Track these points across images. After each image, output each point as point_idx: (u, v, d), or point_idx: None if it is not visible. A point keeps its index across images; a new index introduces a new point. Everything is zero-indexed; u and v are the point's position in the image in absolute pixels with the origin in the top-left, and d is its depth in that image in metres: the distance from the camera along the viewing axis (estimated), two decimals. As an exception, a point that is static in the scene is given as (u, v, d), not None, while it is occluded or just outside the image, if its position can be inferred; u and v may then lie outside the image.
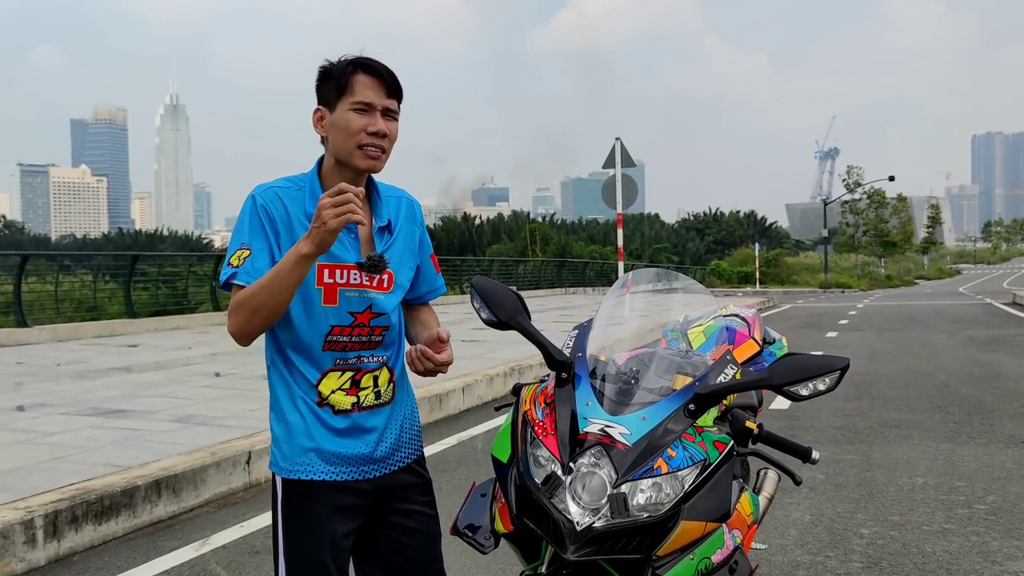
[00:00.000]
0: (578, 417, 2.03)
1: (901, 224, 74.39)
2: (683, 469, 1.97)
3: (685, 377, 2.22)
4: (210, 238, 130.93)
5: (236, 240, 2.11)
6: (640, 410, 2.05)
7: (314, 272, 2.10)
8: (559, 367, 2.16)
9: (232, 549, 4.55)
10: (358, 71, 2.12)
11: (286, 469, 2.15)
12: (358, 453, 2.17)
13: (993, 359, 12.19)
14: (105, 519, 4.70)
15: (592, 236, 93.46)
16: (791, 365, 2.02)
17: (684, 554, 1.98)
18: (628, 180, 18.45)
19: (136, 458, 5.50)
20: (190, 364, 10.69)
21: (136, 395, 8.15)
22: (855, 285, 56.52)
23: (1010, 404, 8.44)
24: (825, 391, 2.00)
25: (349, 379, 2.17)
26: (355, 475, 2.17)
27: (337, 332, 2.14)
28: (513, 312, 2.26)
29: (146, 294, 19.49)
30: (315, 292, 2.12)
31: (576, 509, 1.93)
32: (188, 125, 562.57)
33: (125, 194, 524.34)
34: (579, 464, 1.96)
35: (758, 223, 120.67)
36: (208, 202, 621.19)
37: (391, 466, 2.22)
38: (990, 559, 4.18)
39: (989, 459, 6.19)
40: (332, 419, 2.15)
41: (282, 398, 2.17)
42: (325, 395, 2.15)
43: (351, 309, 2.15)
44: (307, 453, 2.13)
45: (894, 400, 8.72)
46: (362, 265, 2.13)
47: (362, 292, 2.15)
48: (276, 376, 2.19)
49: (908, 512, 4.94)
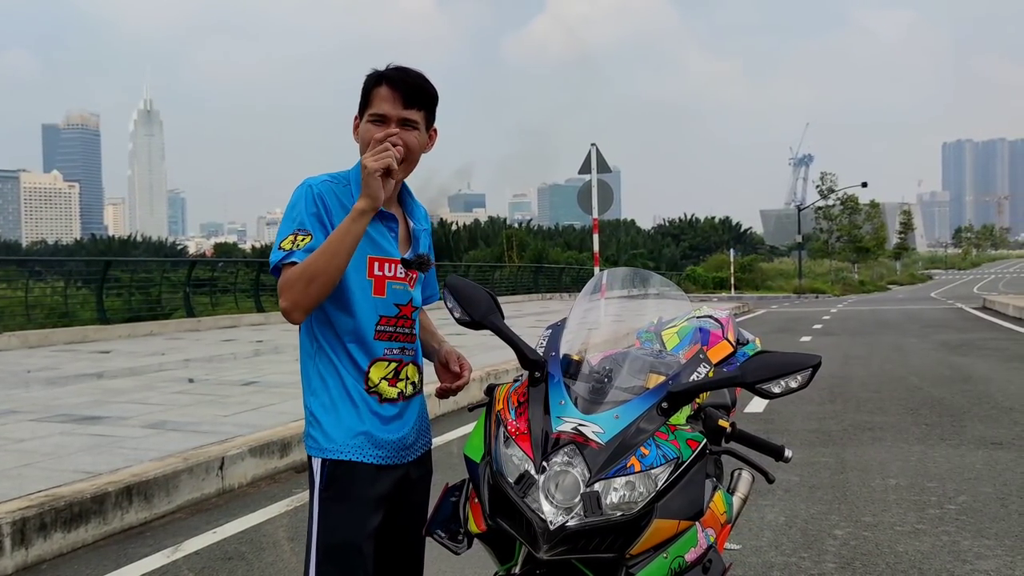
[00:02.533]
0: (551, 416, 2.03)
1: (874, 230, 75.12)
2: (656, 467, 1.96)
3: (658, 376, 2.22)
4: (184, 244, 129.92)
5: (290, 224, 2.17)
6: (613, 408, 2.05)
7: (365, 264, 2.22)
8: (532, 366, 2.15)
9: (204, 555, 4.50)
10: (381, 83, 2.22)
11: (332, 450, 2.21)
12: (400, 439, 2.29)
13: (963, 362, 12.32)
14: (74, 526, 4.64)
15: (569, 242, 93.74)
16: (763, 363, 2.03)
17: (657, 553, 1.97)
18: (604, 186, 18.49)
19: (107, 464, 5.43)
20: (163, 370, 10.58)
21: (108, 401, 8.06)
22: (829, 290, 56.97)
23: (980, 406, 8.54)
24: (797, 388, 2.01)
25: (393, 370, 2.29)
26: (396, 459, 2.28)
27: (384, 322, 2.26)
28: (486, 311, 2.26)
29: (119, 300, 19.32)
30: (367, 283, 2.23)
31: (549, 508, 1.92)
32: (162, 131, 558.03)
33: (98, 200, 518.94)
34: (552, 463, 1.95)
35: (733, 229, 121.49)
36: (183, 208, 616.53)
37: (417, 452, 2.37)
38: (961, 558, 4.22)
39: (960, 460, 6.25)
40: (379, 407, 2.26)
41: (330, 382, 2.24)
42: (375, 382, 2.26)
43: (397, 301, 2.29)
44: (357, 436, 2.22)
45: (867, 403, 8.79)
46: (410, 263, 2.29)
47: (404, 285, 2.30)
48: (324, 361, 2.25)
49: (881, 513, 4.98)
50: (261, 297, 21.00)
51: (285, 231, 2.16)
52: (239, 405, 7.63)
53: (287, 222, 2.18)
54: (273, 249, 2.17)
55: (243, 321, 18.78)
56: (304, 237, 2.13)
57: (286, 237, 2.14)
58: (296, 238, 2.13)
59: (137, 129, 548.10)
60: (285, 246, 2.13)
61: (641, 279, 2.92)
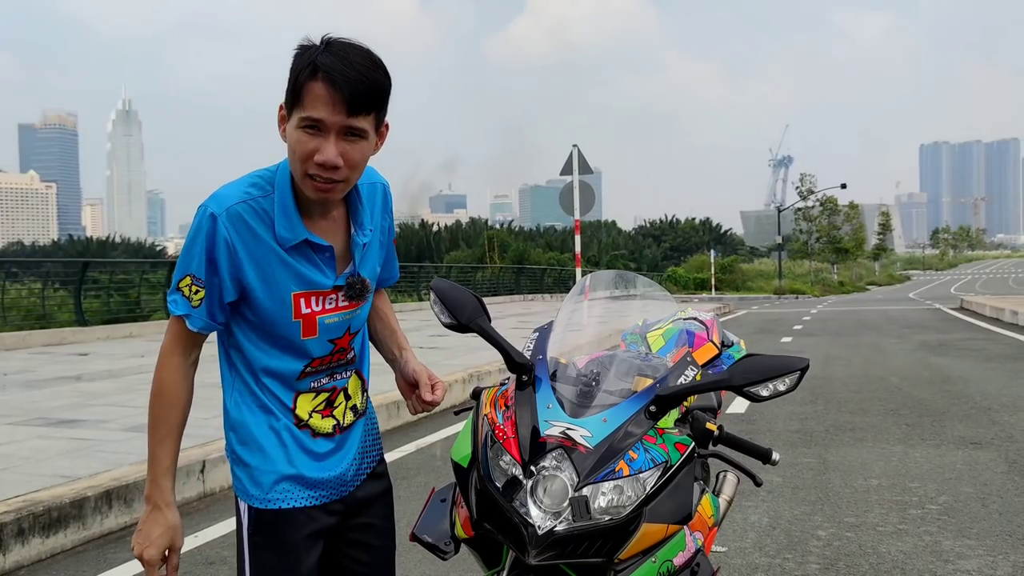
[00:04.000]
0: (539, 420, 2.01)
1: (853, 231, 75.74)
2: (644, 471, 1.95)
3: (646, 379, 2.21)
4: (164, 245, 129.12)
5: (186, 262, 1.82)
6: (601, 412, 2.03)
7: (290, 304, 1.86)
8: (519, 369, 2.14)
9: (185, 560, 4.44)
10: (317, 76, 1.71)
11: (259, 498, 1.91)
12: (338, 474, 1.98)
13: (943, 363, 12.42)
14: (53, 531, 4.58)
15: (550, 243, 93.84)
16: (751, 366, 2.02)
17: (646, 557, 1.96)
18: (586, 187, 18.52)
19: (86, 468, 5.37)
20: (143, 372, 10.47)
21: (87, 404, 7.97)
22: (809, 291, 57.32)
23: (959, 406, 8.60)
24: (785, 391, 2.01)
25: (325, 400, 1.98)
26: (333, 496, 1.98)
27: (317, 364, 1.94)
28: (473, 314, 2.24)
29: (97, 302, 19.11)
30: (293, 327, 1.88)
31: (537, 513, 1.90)
32: (141, 131, 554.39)
33: (75, 200, 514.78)
34: (540, 467, 1.94)
35: (713, 230, 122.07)
36: (162, 208, 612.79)
37: (361, 476, 2.06)
38: (943, 558, 4.24)
39: (940, 460, 6.29)
40: (312, 443, 1.95)
41: (250, 421, 1.92)
42: (304, 418, 1.94)
43: (331, 337, 1.94)
44: (284, 480, 1.91)
45: (848, 403, 8.84)
46: (343, 289, 1.93)
47: (341, 315, 1.94)
48: (240, 396, 1.94)
49: (863, 513, 5.00)
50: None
51: (183, 267, 1.82)
52: (220, 407, 7.54)
53: (185, 257, 1.82)
54: (172, 284, 1.86)
55: (223, 323, 18.62)
56: (198, 289, 1.81)
57: (184, 277, 1.82)
58: (191, 287, 1.81)
59: (115, 129, 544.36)
60: (183, 289, 1.82)
61: (626, 281, 2.91)
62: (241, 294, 1.86)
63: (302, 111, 1.73)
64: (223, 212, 1.80)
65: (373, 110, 1.77)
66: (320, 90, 1.71)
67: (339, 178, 1.78)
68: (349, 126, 1.74)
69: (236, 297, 1.86)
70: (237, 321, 1.90)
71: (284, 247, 1.84)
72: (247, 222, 1.82)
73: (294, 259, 1.85)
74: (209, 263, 1.81)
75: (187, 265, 1.83)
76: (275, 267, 1.84)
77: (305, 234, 1.85)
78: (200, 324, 1.85)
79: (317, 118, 1.72)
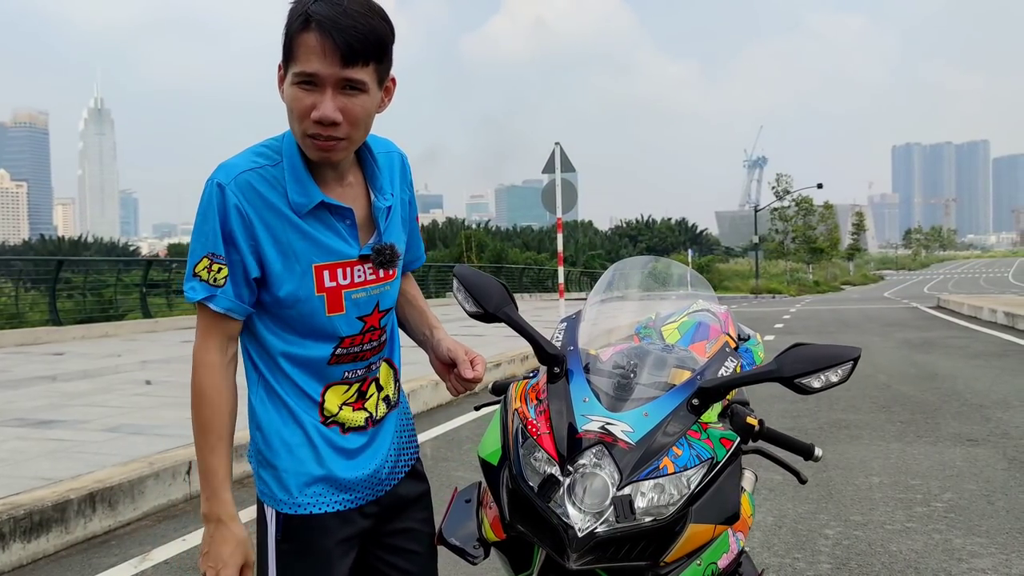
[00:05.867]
0: (575, 414, 1.88)
1: (828, 231, 76.24)
2: (690, 468, 1.82)
3: (683, 371, 2.08)
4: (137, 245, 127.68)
5: (201, 243, 1.66)
6: (642, 406, 1.90)
7: (311, 276, 1.70)
8: (551, 361, 2.00)
9: (175, 564, 4.28)
10: (309, 26, 1.58)
11: (287, 503, 1.75)
12: (371, 472, 1.83)
13: (927, 360, 12.42)
14: (35, 536, 4.39)
15: (527, 243, 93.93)
16: (801, 356, 1.89)
17: (691, 560, 1.83)
18: (568, 185, 18.40)
19: (68, 470, 5.18)
20: (121, 372, 10.24)
21: (65, 405, 7.75)
22: (785, 291, 57.64)
23: (950, 403, 8.56)
24: (837, 383, 1.88)
25: (356, 391, 1.82)
26: (367, 497, 1.84)
27: (347, 344, 1.77)
28: (500, 303, 2.09)
29: (71, 302, 18.77)
30: (317, 302, 1.72)
31: (576, 514, 1.76)
32: (113, 130, 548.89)
33: (47, 200, 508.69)
34: (578, 465, 1.80)
35: (689, 230, 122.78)
36: (135, 208, 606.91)
37: (397, 475, 1.91)
38: (955, 556, 4.16)
39: (939, 457, 6.23)
40: (342, 439, 1.79)
41: (275, 419, 1.76)
42: (333, 412, 1.79)
43: (360, 313, 1.77)
44: (316, 483, 1.77)
45: (839, 401, 8.78)
46: (371, 258, 1.77)
47: (369, 290, 1.78)
48: (264, 392, 1.77)
49: (869, 512, 4.91)
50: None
51: (197, 250, 1.66)
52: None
53: (198, 237, 1.67)
54: (187, 272, 1.68)
55: (201, 322, 18.34)
56: (219, 267, 1.66)
57: (199, 260, 1.66)
58: (212, 266, 1.65)
59: (87, 128, 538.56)
60: (201, 273, 1.65)
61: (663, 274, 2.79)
62: (260, 271, 1.70)
63: (296, 65, 1.60)
64: (231, 181, 1.66)
65: (372, 60, 1.62)
66: (312, 41, 1.57)
67: (340, 135, 1.63)
68: (346, 78, 1.59)
69: (259, 273, 1.69)
70: (256, 307, 1.74)
71: (299, 214, 1.69)
72: (257, 190, 1.67)
73: (312, 227, 1.70)
74: (226, 237, 1.66)
75: (202, 246, 1.66)
76: (292, 237, 1.69)
77: (320, 196, 1.70)
78: (227, 304, 1.68)
79: (311, 72, 1.58)
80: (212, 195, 1.66)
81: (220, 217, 1.65)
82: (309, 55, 1.58)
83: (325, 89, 1.60)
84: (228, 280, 1.67)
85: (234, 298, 1.69)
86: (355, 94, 1.62)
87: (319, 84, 1.60)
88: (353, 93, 1.62)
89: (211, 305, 1.68)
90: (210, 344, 1.70)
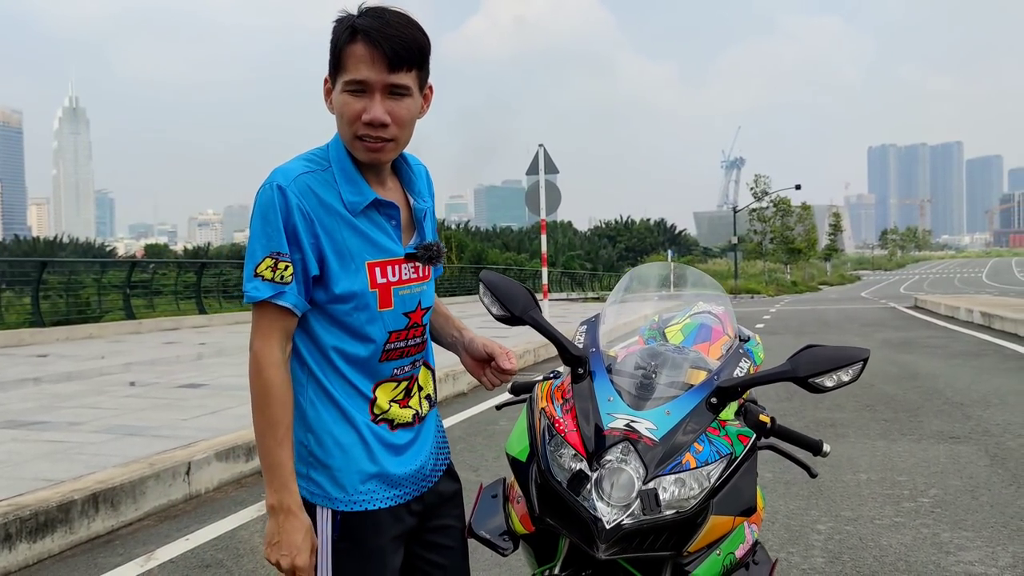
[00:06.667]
0: (600, 412, 1.97)
1: (805, 232, 76.86)
2: (710, 463, 1.92)
3: (699, 371, 2.18)
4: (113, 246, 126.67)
5: (264, 243, 1.73)
6: (663, 404, 2.00)
7: (365, 273, 1.80)
8: (575, 362, 2.10)
9: (180, 564, 4.33)
10: (355, 38, 1.72)
11: (344, 501, 1.83)
12: (417, 468, 1.93)
13: (908, 359, 12.63)
14: (40, 536, 4.43)
15: (507, 243, 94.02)
16: (814, 357, 2.00)
17: (711, 550, 1.94)
18: (552, 186, 18.54)
19: (67, 471, 5.21)
20: (108, 374, 10.24)
21: (56, 406, 7.75)
22: (763, 291, 58.03)
23: (932, 402, 8.74)
24: (849, 382, 1.99)
25: (404, 389, 1.92)
26: (415, 492, 1.93)
27: (394, 339, 1.87)
28: (526, 307, 2.19)
29: (47, 303, 18.61)
30: (370, 297, 1.81)
31: (604, 507, 1.86)
32: (88, 129, 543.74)
33: (21, 200, 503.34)
34: (605, 461, 1.90)
35: (668, 231, 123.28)
36: (111, 209, 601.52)
37: (438, 472, 2.02)
38: (944, 550, 4.29)
39: (923, 454, 6.38)
40: (392, 435, 1.88)
41: (327, 419, 1.83)
42: (384, 408, 1.87)
43: (405, 309, 1.88)
44: (370, 480, 1.85)
45: (823, 400, 8.92)
46: (417, 256, 1.89)
47: (413, 287, 1.90)
48: (316, 390, 1.84)
49: (858, 507, 5.04)
50: (203, 299, 20.54)
51: (259, 251, 1.72)
52: (197, 408, 7.41)
53: (260, 238, 1.73)
54: (247, 273, 1.74)
55: (185, 323, 18.31)
56: (286, 265, 1.73)
57: (262, 261, 1.72)
58: (278, 265, 1.72)
59: (62, 127, 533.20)
60: (264, 274, 1.72)
61: (672, 275, 2.88)
62: (319, 269, 1.78)
63: (345, 75, 1.74)
64: (290, 183, 1.75)
65: (414, 66, 1.77)
66: (360, 51, 1.72)
67: (388, 136, 1.77)
68: (392, 84, 1.74)
69: (319, 271, 1.78)
70: (310, 306, 1.82)
71: (353, 213, 1.80)
72: (315, 191, 1.77)
73: (364, 226, 1.81)
74: (290, 236, 1.74)
75: (265, 247, 1.73)
76: (347, 236, 1.79)
77: (373, 194, 1.82)
78: (294, 299, 1.76)
79: (360, 79, 1.73)
80: (273, 197, 1.74)
81: (284, 217, 1.73)
82: (358, 64, 1.72)
83: (374, 94, 1.74)
84: (294, 279, 1.75)
85: (299, 295, 1.77)
86: (400, 98, 1.77)
87: (368, 90, 1.74)
88: (399, 97, 1.76)
89: (280, 302, 1.75)
90: (273, 342, 1.77)
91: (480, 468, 5.95)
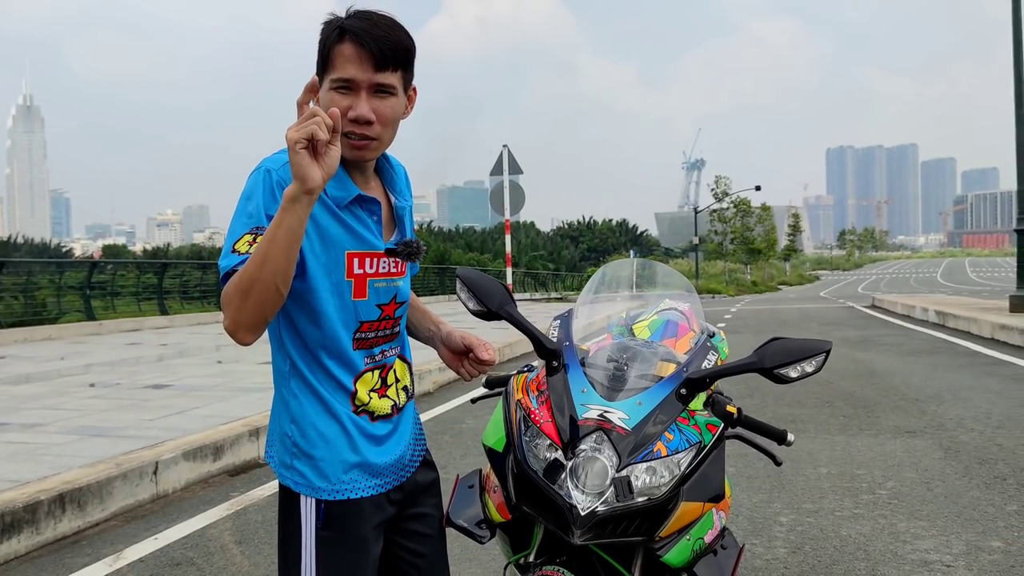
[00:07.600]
0: (575, 404, 2.04)
1: (765, 232, 77.81)
2: (680, 452, 2.00)
3: (668, 364, 2.26)
4: (70, 246, 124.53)
5: (245, 221, 1.74)
6: (636, 395, 2.07)
7: (343, 262, 1.85)
8: (550, 355, 2.17)
9: (150, 562, 4.33)
10: (343, 38, 1.77)
11: (327, 490, 1.88)
12: (397, 458, 1.99)
13: (866, 357, 12.88)
14: (6, 537, 4.40)
15: (470, 244, 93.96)
16: (780, 349, 2.09)
17: (682, 535, 2.02)
18: (516, 187, 18.64)
19: (33, 472, 5.17)
20: (68, 375, 10.12)
21: (17, 408, 7.66)
22: (724, 291, 58.61)
23: (889, 398, 8.94)
24: (812, 372, 2.08)
25: (379, 378, 1.97)
26: (394, 482, 1.99)
27: (365, 328, 1.92)
28: (502, 302, 2.26)
29: (1, 305, 18.27)
30: (346, 285, 1.87)
31: (579, 495, 1.93)
32: (43, 128, 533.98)
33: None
34: (579, 450, 1.97)
35: (630, 231, 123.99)
36: (67, 209, 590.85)
37: (416, 461, 2.08)
38: (900, 539, 4.43)
39: (880, 448, 6.54)
40: (372, 426, 1.94)
41: (309, 408, 1.89)
42: (365, 400, 1.93)
43: (379, 301, 1.94)
44: (352, 469, 1.91)
45: (784, 396, 9.10)
46: (396, 252, 1.96)
47: (390, 281, 1.96)
48: (297, 385, 1.90)
49: (819, 500, 5.17)
50: (165, 300, 20.33)
51: (239, 229, 1.73)
52: (162, 409, 7.36)
53: (241, 217, 1.75)
54: (224, 252, 1.73)
55: (146, 324, 18.12)
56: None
57: (241, 237, 1.72)
58: (256, 240, 1.70)
59: (16, 125, 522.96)
60: (240, 248, 1.70)
61: (644, 271, 2.96)
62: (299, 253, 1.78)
63: (333, 73, 1.79)
64: (279, 168, 1.79)
65: (400, 67, 1.82)
66: (348, 50, 1.77)
67: (373, 135, 1.82)
68: (378, 83, 1.79)
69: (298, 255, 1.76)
70: (290, 298, 1.83)
71: (339, 206, 1.85)
72: None
73: (347, 218, 1.87)
74: (270, 211, 1.75)
75: (245, 224, 1.74)
76: (330, 224, 1.84)
77: (357, 190, 1.88)
78: None
79: (347, 77, 1.78)
80: (259, 179, 1.79)
81: (267, 196, 1.77)
82: (345, 63, 1.78)
83: (360, 92, 1.79)
84: None
85: None
86: (386, 97, 1.82)
87: (354, 88, 1.79)
88: (384, 96, 1.82)
89: None
90: None
91: (448, 466, 5.99)
